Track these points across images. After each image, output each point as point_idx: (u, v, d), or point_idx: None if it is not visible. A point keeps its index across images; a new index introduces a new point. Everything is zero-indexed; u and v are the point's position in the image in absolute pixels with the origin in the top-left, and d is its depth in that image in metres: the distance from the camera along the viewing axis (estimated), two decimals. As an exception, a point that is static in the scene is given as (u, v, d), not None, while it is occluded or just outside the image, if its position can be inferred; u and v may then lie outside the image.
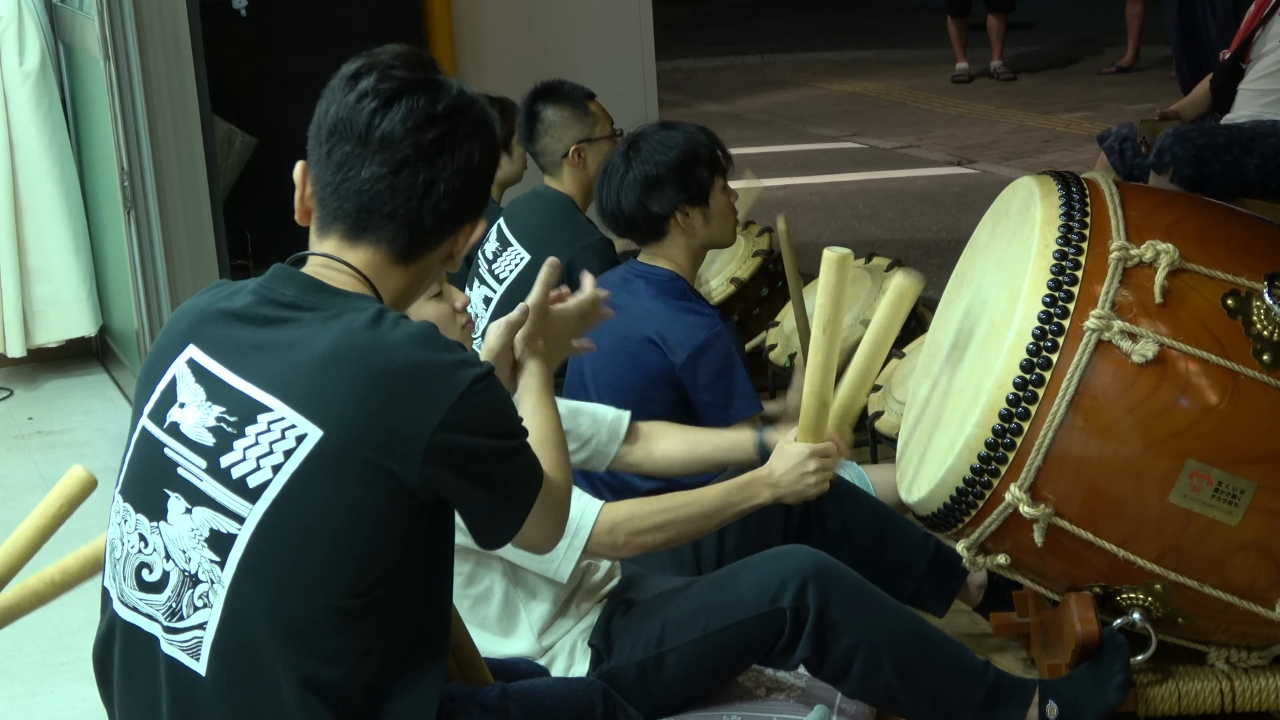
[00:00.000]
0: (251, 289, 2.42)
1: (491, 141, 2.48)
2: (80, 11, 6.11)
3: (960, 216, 8.32)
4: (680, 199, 3.98)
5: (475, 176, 2.44)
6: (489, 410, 2.35)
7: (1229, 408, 3.07)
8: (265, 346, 2.35)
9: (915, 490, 3.42)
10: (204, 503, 2.33)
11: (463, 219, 2.45)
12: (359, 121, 2.39)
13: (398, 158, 2.38)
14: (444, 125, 2.40)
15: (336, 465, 2.28)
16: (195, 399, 2.36)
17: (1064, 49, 13.80)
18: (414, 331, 2.33)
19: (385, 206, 2.39)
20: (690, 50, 14.64)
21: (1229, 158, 5.82)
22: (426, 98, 2.41)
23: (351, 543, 2.30)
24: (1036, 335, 3.10)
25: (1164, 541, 3.12)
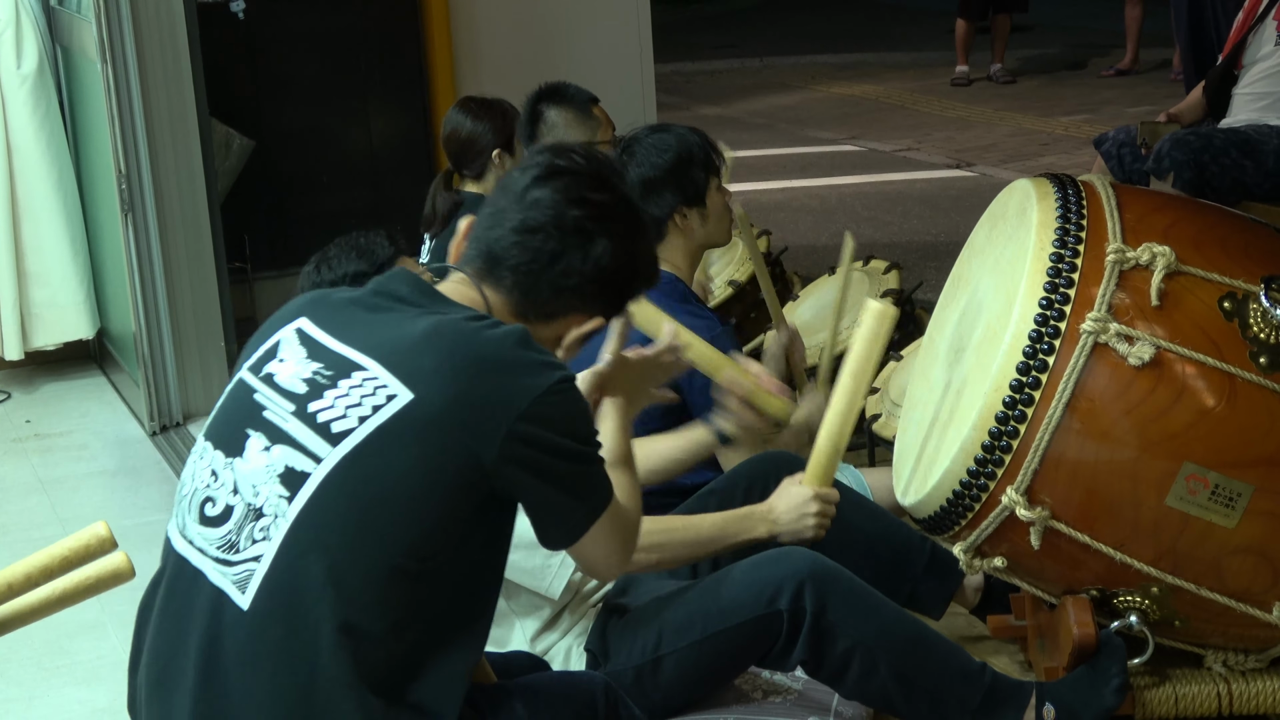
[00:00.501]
0: (371, 283, 2.61)
1: (632, 256, 2.65)
2: (78, 14, 6.11)
3: (959, 219, 8.32)
4: (678, 200, 3.98)
5: (603, 275, 2.61)
6: (568, 412, 2.48)
7: (1226, 410, 3.06)
8: (372, 322, 2.50)
9: (912, 493, 3.42)
10: (284, 441, 2.44)
11: (578, 307, 2.63)
12: (520, 182, 2.63)
13: (537, 220, 2.59)
14: (592, 211, 2.61)
15: (421, 429, 2.39)
16: (295, 356, 2.51)
17: (1063, 52, 13.80)
18: (510, 331, 2.48)
19: (511, 259, 2.59)
20: (689, 53, 14.64)
21: (1227, 160, 5.82)
22: (589, 184, 2.63)
23: (420, 506, 2.40)
24: (1033, 338, 3.10)
25: (1161, 544, 3.12)
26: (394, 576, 2.39)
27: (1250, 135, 5.91)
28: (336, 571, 2.38)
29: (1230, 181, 5.83)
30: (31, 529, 5.04)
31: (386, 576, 2.39)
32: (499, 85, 6.35)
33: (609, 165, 2.71)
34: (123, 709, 3.88)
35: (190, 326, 5.87)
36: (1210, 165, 5.79)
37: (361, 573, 2.38)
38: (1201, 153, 5.80)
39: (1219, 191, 5.81)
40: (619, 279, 2.65)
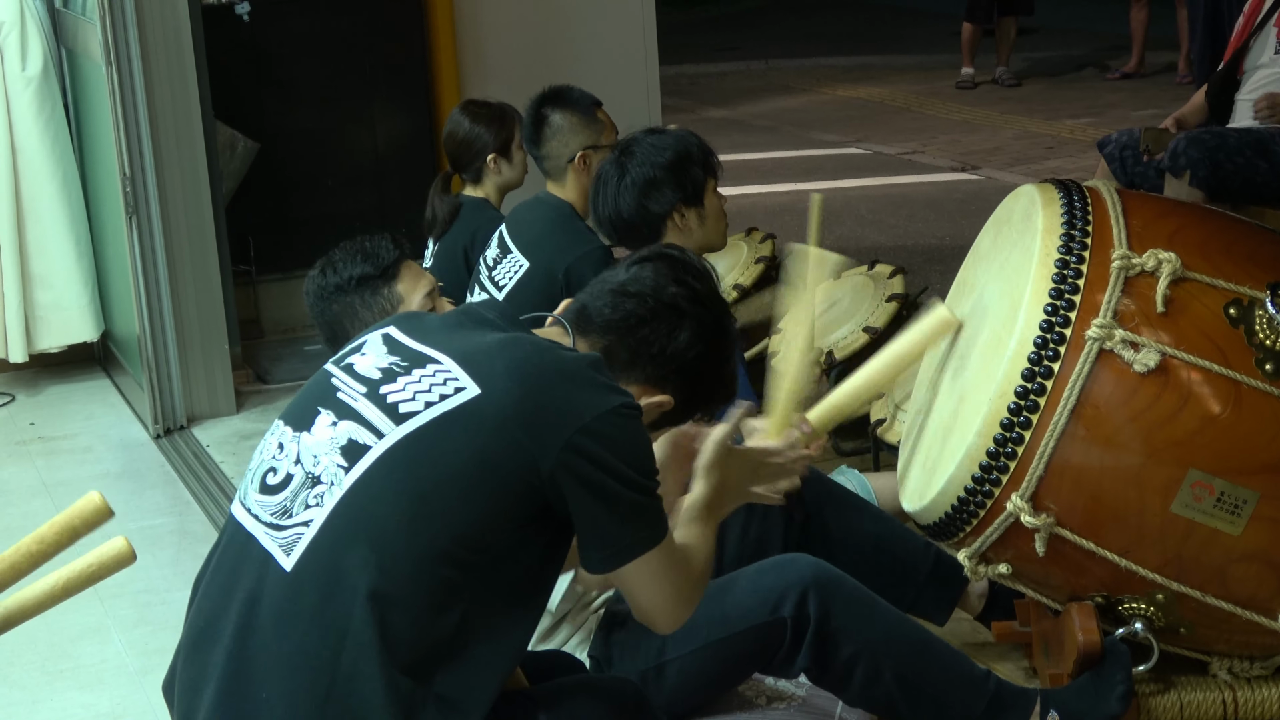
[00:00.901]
0: (459, 309, 2.77)
1: (706, 355, 2.75)
2: (83, 16, 6.11)
3: (964, 223, 8.30)
4: (677, 199, 4.01)
5: (682, 360, 2.73)
6: (630, 437, 2.53)
7: (1231, 417, 3.06)
8: (453, 332, 2.61)
9: (917, 499, 3.41)
10: (351, 417, 2.51)
11: (651, 378, 2.73)
12: (632, 258, 2.82)
13: (636, 287, 2.74)
14: (685, 299, 2.74)
15: (483, 424, 2.46)
16: (378, 352, 2.62)
17: (1069, 55, 13.79)
18: (582, 356, 2.59)
19: (602, 315, 2.73)
20: (694, 55, 14.62)
21: (1241, 160, 5.82)
22: (691, 278, 2.77)
23: (472, 499, 2.44)
24: (1038, 344, 3.09)
25: (1166, 551, 3.11)
26: (439, 559, 2.43)
27: (1264, 136, 5.91)
28: (381, 544, 2.42)
29: (1243, 181, 5.82)
30: (35, 531, 5.03)
31: (432, 557, 2.42)
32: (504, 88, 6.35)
33: (713, 273, 2.86)
34: (125, 713, 3.90)
35: (194, 329, 5.87)
36: (1225, 164, 5.79)
37: (405, 548, 2.42)
38: (1217, 151, 5.80)
39: (1234, 190, 5.81)
40: (695, 370, 2.74)
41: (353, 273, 3.37)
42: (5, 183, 6.28)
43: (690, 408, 2.80)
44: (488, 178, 5.41)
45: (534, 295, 4.86)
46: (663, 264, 2.78)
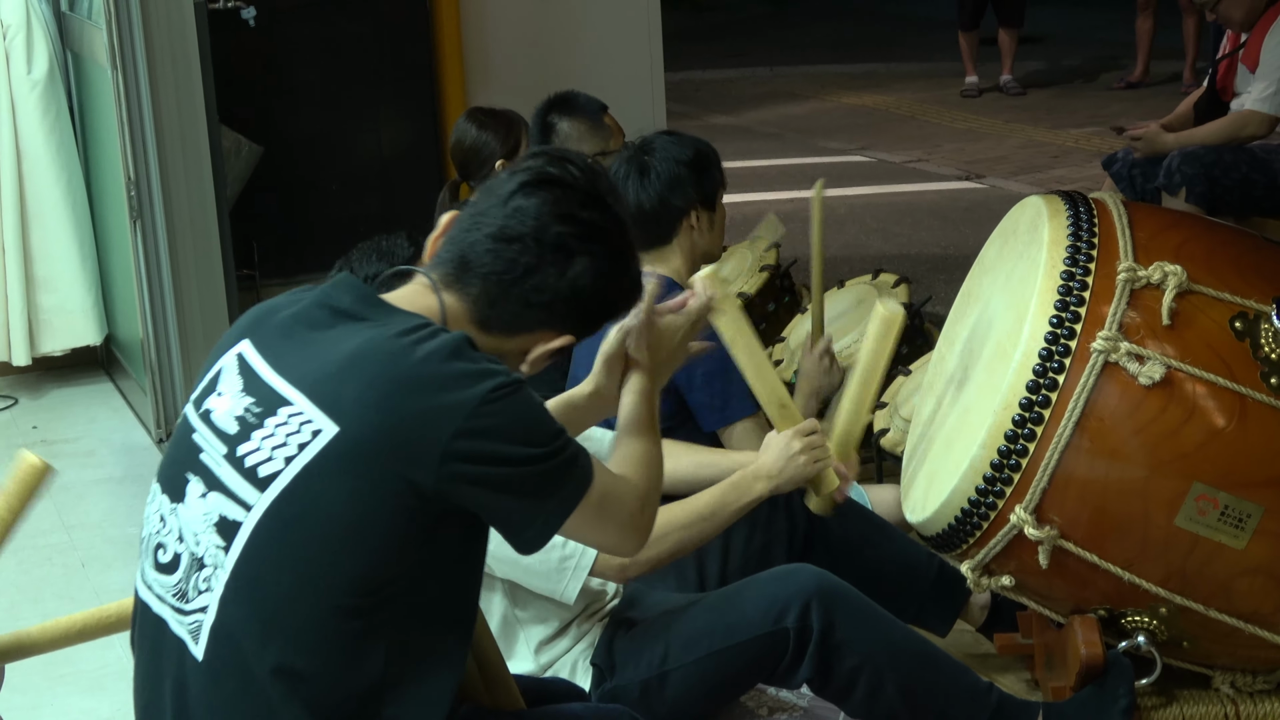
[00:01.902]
0: (314, 294, 2.49)
1: (616, 276, 2.53)
2: (89, 20, 6.11)
3: (968, 231, 8.30)
4: (696, 198, 4.02)
5: (578, 295, 2.48)
6: (511, 418, 2.34)
7: (1236, 430, 3.05)
8: (306, 346, 2.40)
9: (920, 510, 3.41)
10: (218, 488, 2.37)
11: (546, 324, 2.50)
12: (507, 186, 2.49)
13: (517, 229, 2.45)
14: (577, 229, 2.47)
15: (349, 463, 2.30)
16: (232, 389, 2.42)
17: (1074, 64, 13.79)
18: (443, 343, 2.36)
19: (483, 266, 2.46)
20: (700, 61, 14.63)
21: (1238, 175, 5.84)
22: (580, 199, 2.49)
23: (358, 542, 2.31)
24: (1043, 356, 3.09)
25: (1169, 565, 3.11)
26: (338, 615, 2.32)
27: (1258, 151, 5.93)
28: (275, 620, 2.32)
29: (1241, 196, 5.84)
30: (38, 535, 5.04)
31: (330, 618, 2.31)
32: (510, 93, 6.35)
33: (605, 182, 2.57)
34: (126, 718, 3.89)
35: (198, 333, 5.87)
36: (1221, 180, 5.81)
37: (300, 618, 2.32)
38: (1213, 167, 5.82)
39: (1231, 206, 5.82)
40: (595, 302, 2.52)
41: (369, 271, 3.36)
42: (10, 186, 6.28)
43: (595, 326, 2.60)
44: None
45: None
46: (545, 193, 2.48)
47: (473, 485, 2.33)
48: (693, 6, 18.64)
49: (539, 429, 2.39)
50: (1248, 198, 5.87)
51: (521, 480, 2.36)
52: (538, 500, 2.40)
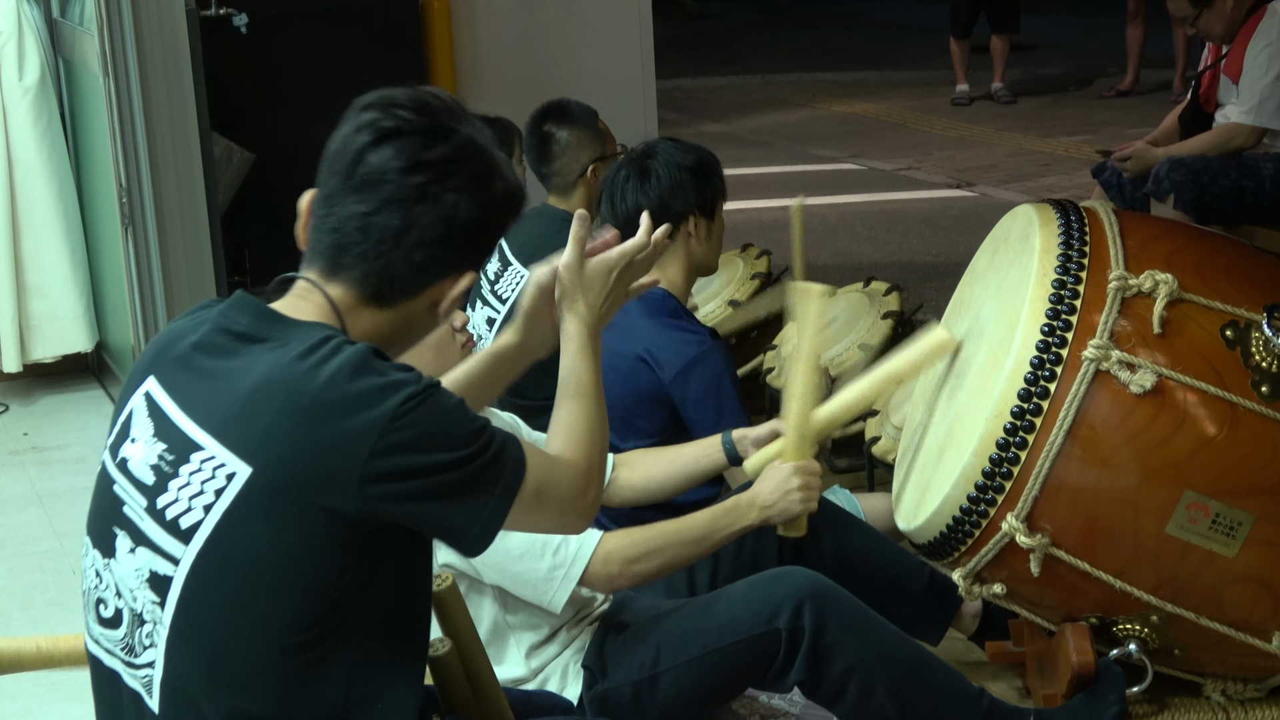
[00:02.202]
0: (213, 317, 2.37)
1: (488, 196, 2.38)
2: (80, 27, 6.11)
3: (959, 239, 8.31)
4: (696, 204, 4.02)
5: (461, 230, 2.36)
6: (426, 426, 2.25)
7: (1227, 439, 3.06)
8: (210, 380, 2.31)
9: (912, 518, 3.41)
10: (144, 543, 2.31)
11: (442, 272, 2.37)
12: (348, 156, 2.35)
13: (376, 199, 2.33)
14: (431, 174, 2.33)
15: (268, 503, 2.23)
16: (145, 434, 2.34)
17: (1064, 72, 13.81)
18: (346, 360, 2.25)
19: (357, 247, 2.34)
20: (691, 69, 14.64)
21: (1227, 182, 5.86)
22: (422, 142, 2.34)
23: (290, 581, 2.25)
24: (1034, 364, 3.10)
25: (1161, 572, 3.11)
26: (283, 654, 2.27)
27: (1247, 159, 5.95)
28: (219, 667, 2.28)
29: (1231, 202, 5.86)
30: (28, 543, 5.03)
31: (277, 657, 2.27)
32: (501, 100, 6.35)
33: (444, 110, 2.40)
34: (118, 726, 3.89)
35: (189, 340, 5.86)
36: (1210, 186, 5.83)
37: (248, 663, 2.27)
38: (1201, 174, 5.84)
39: (1221, 213, 5.84)
40: (477, 230, 2.38)
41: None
42: (1, 192, 6.27)
43: (489, 249, 2.46)
44: None
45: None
46: (387, 149, 2.33)
47: (400, 502, 2.25)
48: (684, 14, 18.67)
49: (458, 430, 2.30)
50: (1237, 204, 5.89)
51: (450, 486, 2.28)
52: (472, 501, 2.31)
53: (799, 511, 3.33)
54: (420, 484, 2.25)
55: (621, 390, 3.96)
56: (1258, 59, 6.01)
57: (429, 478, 2.26)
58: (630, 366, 3.98)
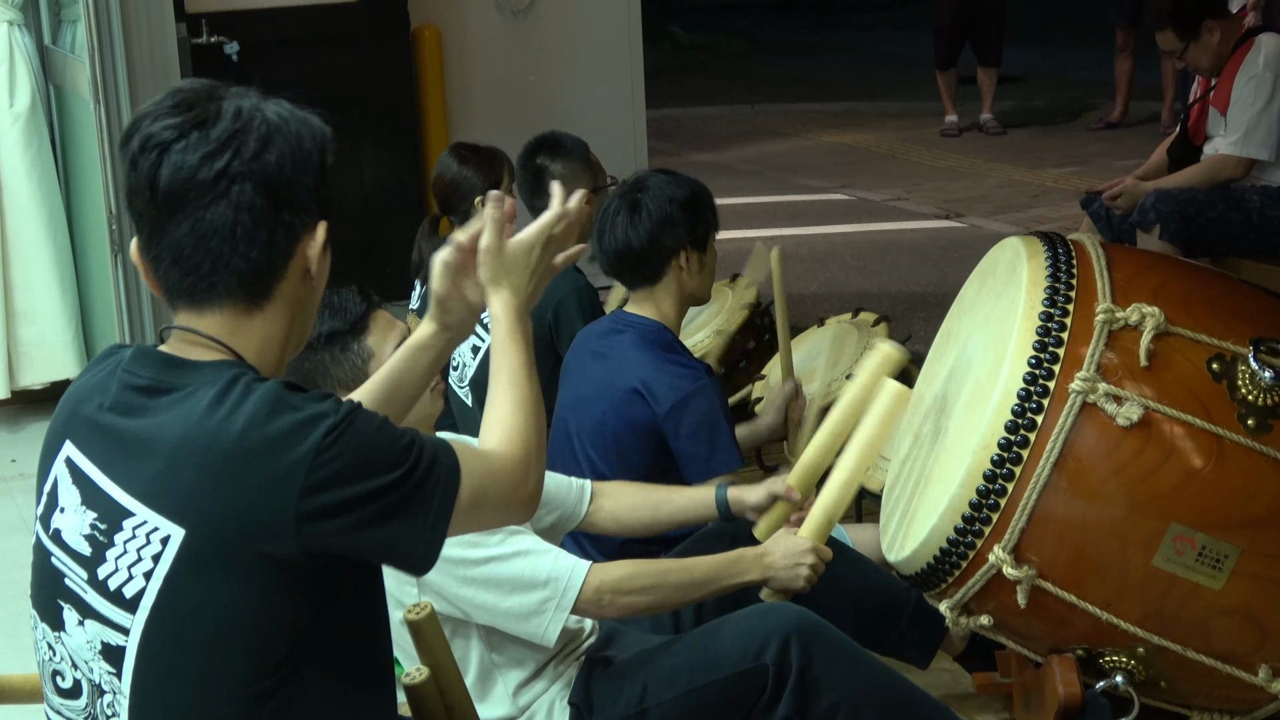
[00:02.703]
0: (118, 375, 2.31)
1: (292, 143, 2.28)
2: (71, 54, 6.12)
3: (948, 270, 8.33)
4: (687, 239, 4.02)
5: (283, 187, 2.26)
6: (354, 455, 2.20)
7: (1213, 472, 3.07)
8: (127, 441, 2.26)
9: (899, 549, 3.41)
10: (91, 615, 2.28)
11: (292, 234, 2.28)
12: (145, 187, 2.24)
13: (192, 206, 2.22)
14: (224, 155, 2.23)
15: (206, 561, 2.19)
16: (73, 503, 2.30)
17: (1053, 104, 13.85)
18: (260, 400, 2.20)
19: (205, 260, 2.24)
20: (681, 99, 14.67)
21: (1213, 214, 5.89)
22: (197, 134, 2.23)
23: (242, 634, 2.21)
24: (1021, 396, 3.10)
25: (1147, 605, 3.12)
26: (249, 705, 2.24)
27: (1233, 191, 5.98)
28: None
29: (1219, 235, 5.89)
30: (15, 569, 5.02)
31: (241, 709, 2.24)
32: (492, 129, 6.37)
33: (199, 95, 2.26)
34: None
35: (178, 368, 5.86)
36: (1197, 218, 5.86)
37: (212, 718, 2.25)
38: (1188, 205, 5.87)
39: (1208, 244, 5.87)
40: (299, 175, 2.28)
41: (321, 329, 3.30)
42: (-9, 218, 6.28)
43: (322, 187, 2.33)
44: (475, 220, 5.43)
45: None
46: (171, 168, 2.22)
47: (341, 536, 2.20)
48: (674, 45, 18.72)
49: (385, 452, 2.24)
50: (1224, 236, 5.92)
51: (386, 510, 2.22)
52: (412, 521, 2.25)
53: (798, 588, 3.35)
54: (356, 515, 2.20)
55: (615, 421, 3.97)
56: (1244, 90, 6.05)
57: (364, 506, 2.20)
58: (624, 398, 3.97)
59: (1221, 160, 6.08)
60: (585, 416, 4.04)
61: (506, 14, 7.46)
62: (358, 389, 2.70)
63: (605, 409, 3.99)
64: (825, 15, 20.98)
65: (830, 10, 21.32)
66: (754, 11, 21.73)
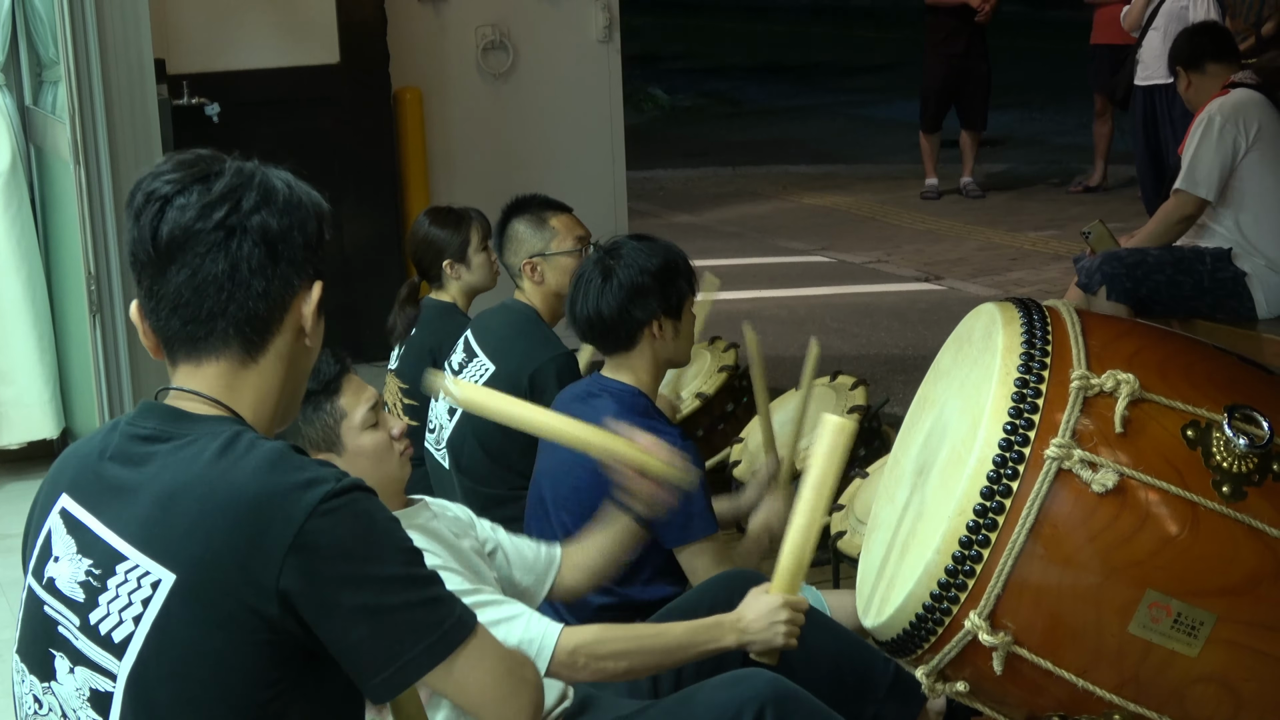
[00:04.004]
0: (121, 427, 2.34)
1: (287, 204, 2.33)
2: (52, 115, 6.13)
3: (927, 333, 8.36)
4: (659, 309, 4.00)
5: (280, 243, 2.30)
6: (349, 529, 2.18)
7: (1189, 539, 3.06)
8: (126, 488, 2.27)
9: (875, 615, 3.41)
10: (82, 662, 2.27)
11: (289, 287, 2.32)
12: (146, 240, 2.29)
13: (192, 255, 2.27)
14: (223, 207, 2.27)
15: (193, 608, 2.18)
16: (68, 552, 2.30)
17: (1033, 168, 13.94)
18: (263, 455, 2.22)
19: (202, 312, 2.28)
20: (662, 160, 14.73)
21: (1162, 277, 5.95)
22: (199, 189, 2.28)
23: (226, 685, 2.19)
24: (997, 463, 3.10)
25: (1123, 672, 3.11)
26: None
27: (1183, 253, 6.04)
28: None
29: (1169, 297, 5.94)
30: (-8, 630, 5.00)
31: None
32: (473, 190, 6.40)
33: (202, 159, 2.34)
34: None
35: (156, 428, 5.84)
36: (1145, 280, 5.92)
37: None
38: (1135, 268, 5.93)
39: (1161, 305, 5.92)
40: (296, 235, 2.32)
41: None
42: (-30, 278, 6.28)
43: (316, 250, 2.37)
44: (448, 283, 5.47)
45: (499, 399, 4.87)
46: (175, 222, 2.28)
47: (313, 610, 2.18)
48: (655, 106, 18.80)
49: (385, 544, 2.22)
50: (1176, 298, 5.97)
51: (368, 608, 2.18)
52: (390, 637, 2.21)
53: (779, 646, 3.33)
54: (334, 594, 2.18)
55: (589, 488, 3.95)
56: (1194, 130, 6.14)
57: (345, 589, 2.18)
58: (599, 466, 3.96)
59: (1173, 199, 6.17)
60: (561, 483, 4.03)
61: (488, 76, 7.50)
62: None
63: (582, 476, 3.98)
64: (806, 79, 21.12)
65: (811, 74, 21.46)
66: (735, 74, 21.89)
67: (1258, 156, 6.00)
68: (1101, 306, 5.81)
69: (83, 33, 5.51)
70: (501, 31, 7.50)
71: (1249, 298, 5.97)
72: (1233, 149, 5.98)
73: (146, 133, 5.72)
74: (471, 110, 7.49)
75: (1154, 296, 5.94)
